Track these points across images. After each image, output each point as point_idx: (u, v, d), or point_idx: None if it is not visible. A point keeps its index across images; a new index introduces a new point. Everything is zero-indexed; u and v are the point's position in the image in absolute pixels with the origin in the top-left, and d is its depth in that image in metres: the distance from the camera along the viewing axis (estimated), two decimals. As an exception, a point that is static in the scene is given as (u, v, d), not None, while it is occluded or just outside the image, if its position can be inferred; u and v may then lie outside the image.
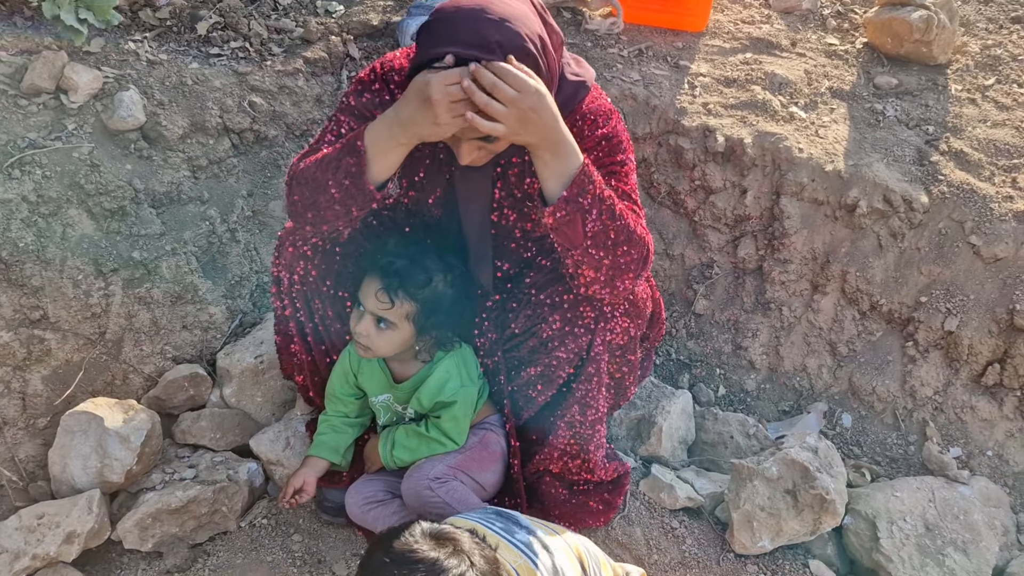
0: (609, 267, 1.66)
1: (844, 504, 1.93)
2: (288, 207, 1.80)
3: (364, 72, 1.85)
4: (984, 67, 2.79)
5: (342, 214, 1.71)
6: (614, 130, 1.76)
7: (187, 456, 2.18)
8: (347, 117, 1.80)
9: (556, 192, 1.57)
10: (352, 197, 1.66)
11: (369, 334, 1.80)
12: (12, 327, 2.15)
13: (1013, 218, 2.26)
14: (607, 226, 1.61)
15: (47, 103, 2.39)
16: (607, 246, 1.63)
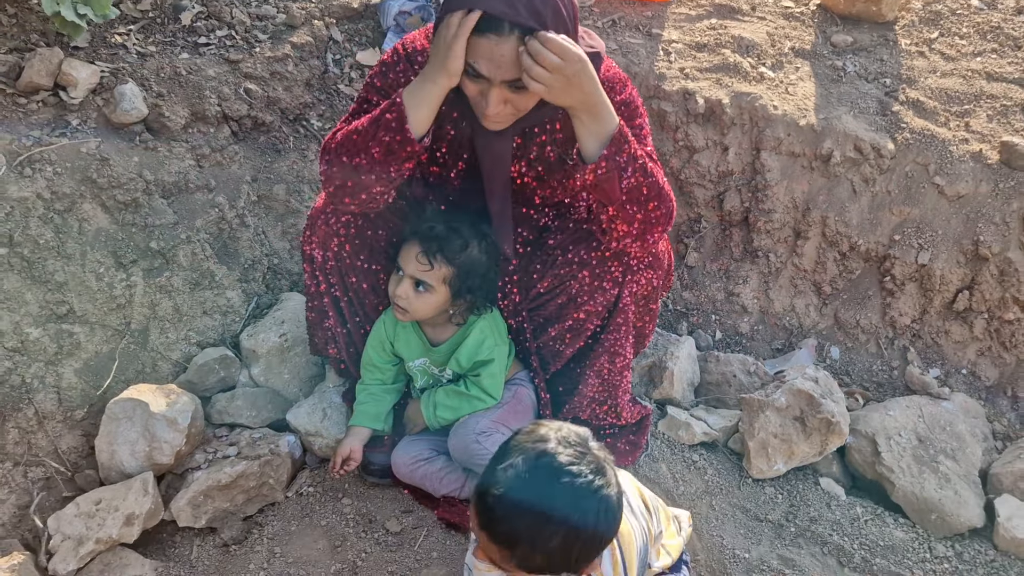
0: (641, 221, 1.81)
1: (848, 425, 2.14)
2: (325, 180, 1.88)
3: (387, 54, 1.94)
4: (928, 22, 3.01)
5: (382, 176, 1.79)
6: (630, 96, 1.89)
7: (225, 435, 2.26)
8: (375, 95, 1.89)
9: (595, 151, 1.69)
10: (393, 152, 1.75)
11: (408, 296, 1.91)
12: (40, 323, 2.19)
13: (970, 158, 2.49)
14: (640, 182, 1.75)
15: (46, 100, 2.40)
16: (640, 201, 1.77)
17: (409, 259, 1.91)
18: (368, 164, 1.77)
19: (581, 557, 1.39)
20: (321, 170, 1.88)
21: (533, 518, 1.34)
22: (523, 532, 1.35)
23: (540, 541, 1.36)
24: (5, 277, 2.15)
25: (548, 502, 1.34)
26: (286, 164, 2.66)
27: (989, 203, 2.43)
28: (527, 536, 1.35)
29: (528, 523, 1.35)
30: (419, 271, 1.90)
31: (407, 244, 1.92)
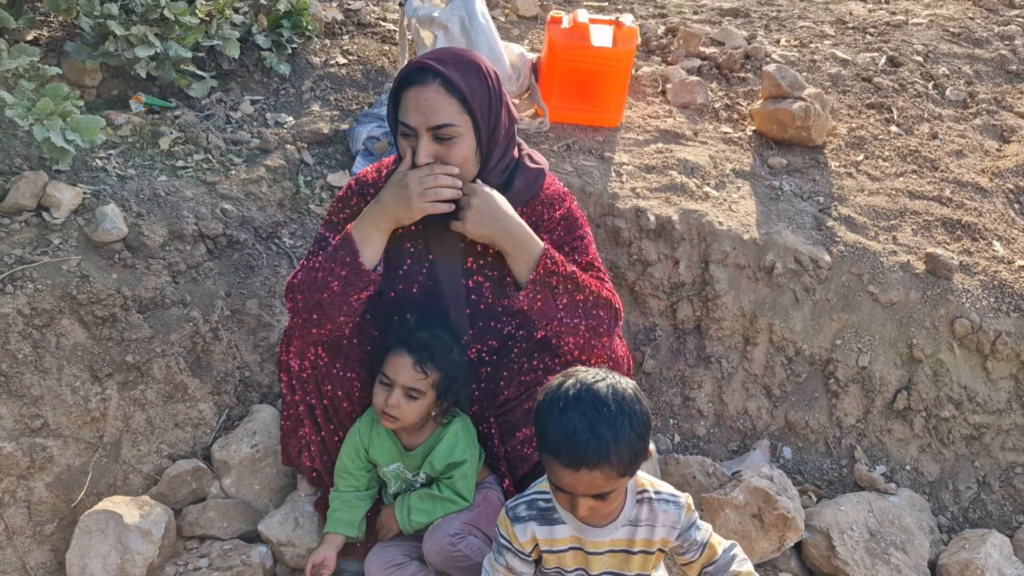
0: (585, 330, 1.95)
1: (803, 521, 2.24)
2: (292, 315, 2.01)
3: (342, 190, 2.12)
4: (853, 146, 3.30)
5: (342, 305, 1.93)
6: (569, 210, 2.07)
7: (196, 547, 2.27)
8: (331, 233, 2.05)
9: (525, 277, 1.86)
10: (350, 284, 1.90)
11: (399, 405, 2.00)
12: (14, 437, 2.21)
13: (900, 268, 2.70)
14: (574, 297, 1.91)
15: (29, 220, 2.50)
16: (579, 313, 1.92)
17: (401, 370, 2.00)
18: (329, 297, 1.91)
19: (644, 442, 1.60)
20: (288, 307, 2.01)
21: (609, 415, 1.55)
22: (608, 434, 1.53)
23: (621, 434, 1.54)
24: (-18, 391, 2.19)
25: (605, 398, 1.57)
26: (259, 280, 2.77)
27: (919, 309, 2.63)
28: (612, 436, 1.53)
29: (609, 423, 1.54)
30: (413, 380, 1.99)
31: (395, 355, 2.01)
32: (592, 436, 1.54)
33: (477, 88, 1.86)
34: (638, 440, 1.58)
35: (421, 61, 1.86)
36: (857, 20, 4.43)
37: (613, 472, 1.57)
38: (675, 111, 3.47)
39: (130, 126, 2.95)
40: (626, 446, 1.56)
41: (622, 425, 1.55)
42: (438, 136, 1.85)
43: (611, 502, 1.67)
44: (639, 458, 1.61)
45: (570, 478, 1.58)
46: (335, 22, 3.72)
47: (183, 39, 2.84)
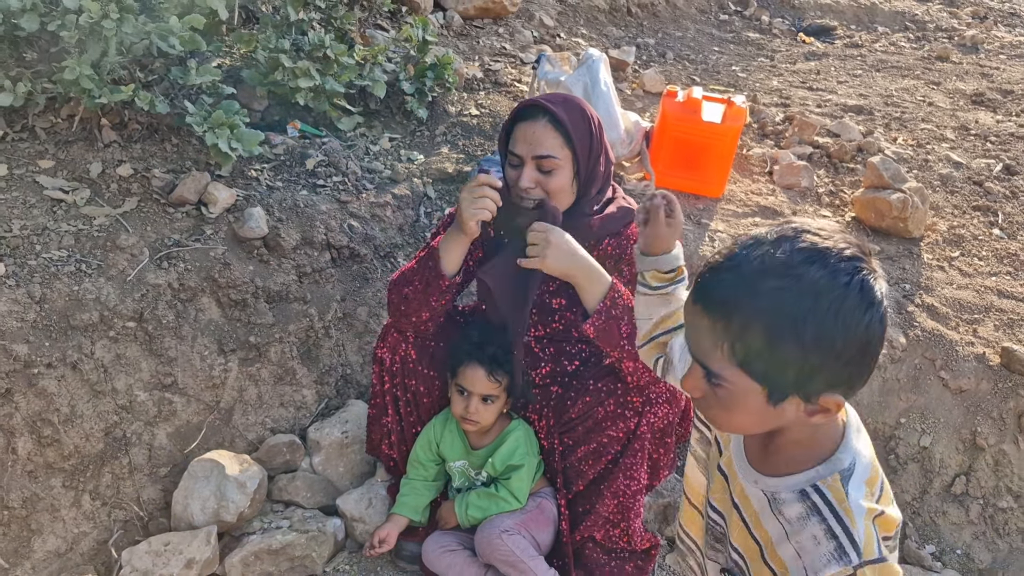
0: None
1: None
2: (388, 305, 2.31)
3: (454, 208, 2.42)
4: (950, 242, 3.38)
5: (424, 302, 2.21)
6: None
7: (281, 510, 2.56)
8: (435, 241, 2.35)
9: (593, 307, 2.09)
10: (431, 285, 2.18)
11: (479, 411, 2.26)
12: (148, 388, 2.58)
13: (974, 359, 2.76)
14: (635, 327, 2.11)
15: (189, 212, 2.92)
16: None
17: (476, 381, 2.25)
18: (412, 292, 2.20)
19: (816, 365, 1.11)
20: (387, 299, 2.31)
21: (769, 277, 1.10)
22: (749, 292, 1.11)
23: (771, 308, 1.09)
24: (129, 346, 2.57)
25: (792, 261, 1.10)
26: (371, 291, 3.09)
27: (988, 399, 2.68)
28: (750, 299, 1.10)
29: (757, 284, 1.10)
30: (488, 389, 2.25)
31: (468, 369, 2.26)
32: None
33: (580, 127, 2.14)
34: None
35: (534, 100, 2.16)
36: (982, 128, 4.49)
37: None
38: (778, 191, 3.64)
39: (284, 146, 3.37)
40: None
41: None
42: (541, 166, 2.12)
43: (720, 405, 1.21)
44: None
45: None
46: (474, 79, 4.11)
47: (339, 76, 3.26)
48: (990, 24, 6.71)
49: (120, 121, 3.10)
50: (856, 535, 1.16)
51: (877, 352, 1.15)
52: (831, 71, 5.40)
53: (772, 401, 1.16)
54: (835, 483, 1.20)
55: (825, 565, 1.16)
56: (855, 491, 1.20)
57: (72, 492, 2.41)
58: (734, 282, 1.12)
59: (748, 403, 1.17)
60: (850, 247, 1.12)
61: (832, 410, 1.16)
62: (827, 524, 1.18)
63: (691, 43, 5.69)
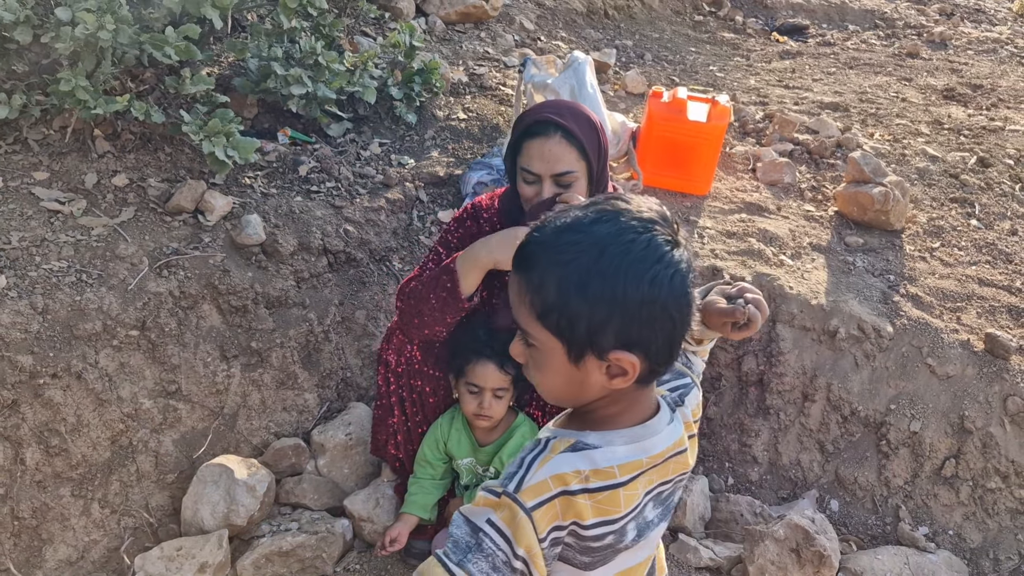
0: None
1: (838, 560, 2.39)
2: (399, 315, 2.34)
3: (459, 211, 2.45)
4: (930, 234, 3.47)
5: (440, 320, 2.24)
6: None
7: (289, 512, 2.59)
8: (444, 249, 2.38)
9: None
10: (448, 305, 2.21)
11: (492, 406, 2.30)
12: (153, 396, 2.60)
13: (959, 345, 2.85)
14: None
15: (187, 220, 2.93)
16: None
17: (489, 376, 2.29)
18: (428, 311, 2.23)
19: (617, 326, 1.15)
20: (397, 306, 2.34)
21: (570, 242, 1.16)
22: (552, 255, 1.16)
23: (572, 273, 1.14)
24: (133, 355, 2.59)
25: (593, 228, 1.16)
26: (368, 295, 3.13)
27: (974, 384, 2.77)
28: (554, 260, 1.16)
29: (561, 245, 1.16)
30: (500, 382, 2.29)
31: (479, 365, 2.29)
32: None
33: (590, 137, 2.18)
34: (575, 295, 1.15)
35: (543, 115, 2.18)
36: (954, 123, 4.60)
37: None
38: (762, 187, 3.72)
39: (276, 153, 3.40)
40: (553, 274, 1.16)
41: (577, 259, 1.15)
42: (559, 182, 2.16)
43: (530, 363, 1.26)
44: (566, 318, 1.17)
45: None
46: (460, 83, 4.16)
47: (330, 83, 3.29)
48: (957, 20, 6.87)
49: (113, 131, 3.11)
50: (528, 477, 1.20)
51: (669, 314, 1.16)
52: (806, 69, 5.51)
53: (572, 358, 1.19)
54: (562, 443, 1.24)
55: (497, 480, 1.23)
56: (569, 458, 1.22)
57: (81, 501, 2.42)
58: (538, 239, 1.19)
59: (554, 362, 1.21)
60: (650, 212, 1.18)
61: (628, 371, 1.18)
62: (523, 457, 1.23)
63: (668, 44, 5.78)
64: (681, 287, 1.16)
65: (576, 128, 2.13)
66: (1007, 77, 5.47)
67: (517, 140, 2.20)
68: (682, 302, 1.17)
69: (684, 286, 1.17)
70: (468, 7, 4.79)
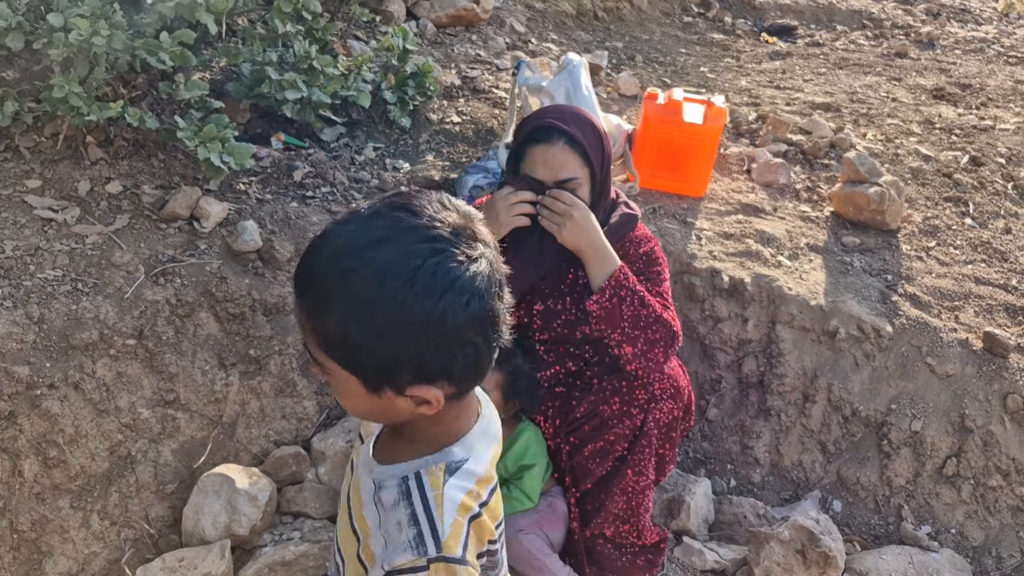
0: (643, 343, 2.21)
1: (843, 560, 2.39)
2: None
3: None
4: (926, 233, 3.49)
5: None
6: (652, 250, 2.37)
7: (290, 521, 2.56)
8: None
9: (599, 283, 2.15)
10: None
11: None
12: (151, 406, 2.57)
13: (958, 344, 2.86)
14: (638, 311, 2.17)
15: (182, 227, 2.90)
16: (640, 326, 2.18)
17: (491, 381, 2.28)
18: None
19: (405, 351, 1.04)
20: None
21: (349, 258, 1.03)
22: (326, 275, 1.04)
23: (345, 297, 1.02)
24: (130, 364, 2.56)
25: (375, 243, 1.03)
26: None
27: (974, 382, 2.78)
28: (329, 282, 1.03)
29: (339, 265, 1.03)
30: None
31: None
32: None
33: (594, 143, 2.17)
34: (354, 320, 1.04)
35: (546, 120, 2.17)
36: (945, 122, 4.63)
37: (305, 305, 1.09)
38: (758, 188, 3.72)
39: (270, 159, 3.37)
40: (339, 295, 1.04)
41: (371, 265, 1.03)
42: (563, 188, 2.16)
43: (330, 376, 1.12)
44: (348, 343, 1.05)
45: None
46: (453, 86, 4.14)
47: (325, 87, 3.27)
48: (943, 20, 6.91)
49: (106, 138, 3.08)
50: (440, 527, 1.10)
51: (469, 339, 1.05)
52: (796, 70, 5.52)
53: (369, 389, 1.08)
54: (437, 472, 1.14)
55: (401, 553, 1.08)
56: (456, 483, 1.14)
57: (80, 513, 2.39)
58: (315, 261, 1.06)
59: (351, 390, 1.10)
60: (441, 226, 1.03)
61: (432, 403, 1.09)
62: (412, 510, 1.11)
63: (658, 45, 5.78)
64: (479, 309, 1.04)
65: (580, 134, 2.12)
66: (995, 76, 5.51)
67: (520, 146, 2.19)
68: (484, 321, 1.06)
69: (483, 306, 1.04)
70: (459, 10, 4.77)
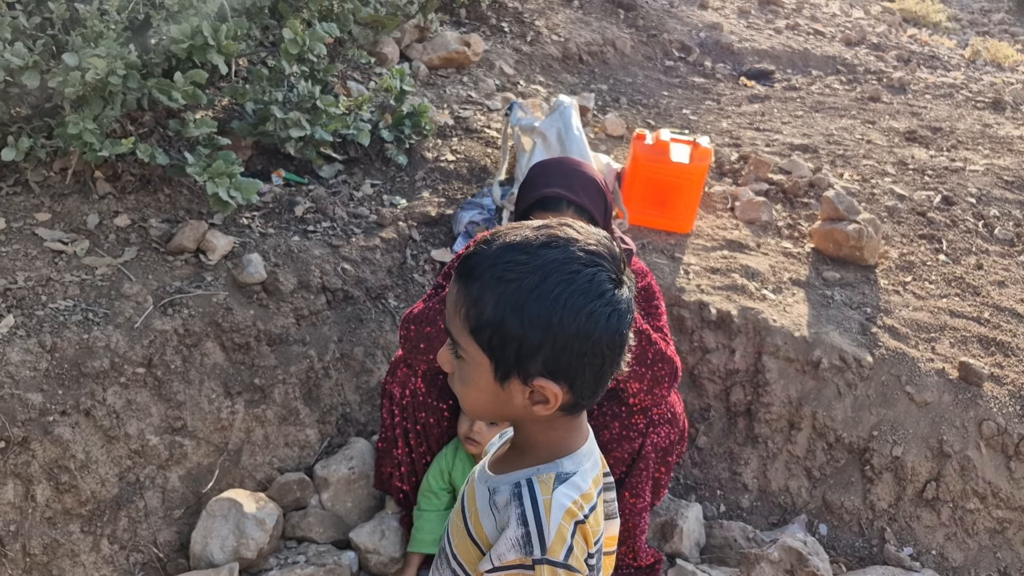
0: (649, 379, 2.31)
1: (831, 581, 2.49)
2: (403, 343, 2.42)
3: (462, 249, 2.55)
4: (902, 268, 3.64)
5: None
6: (649, 284, 2.47)
7: (295, 546, 2.62)
8: (446, 282, 2.48)
9: None
10: None
11: (481, 431, 2.37)
12: (159, 432, 2.64)
13: (935, 374, 3.00)
14: (645, 349, 2.27)
15: (188, 259, 2.99)
16: (646, 363, 2.28)
17: None
18: (436, 332, 2.32)
19: (556, 354, 1.16)
20: (400, 335, 2.42)
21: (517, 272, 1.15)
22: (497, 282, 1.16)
23: (514, 308, 1.14)
24: (139, 392, 2.63)
25: (539, 259, 1.15)
26: (366, 331, 3.20)
27: (951, 410, 2.91)
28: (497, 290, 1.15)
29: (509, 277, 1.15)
30: None
31: None
32: (490, 262, 1.20)
33: (598, 205, 2.29)
34: (516, 323, 1.15)
35: (553, 190, 2.26)
36: (918, 163, 4.82)
37: (466, 314, 1.19)
38: (741, 225, 3.87)
39: (271, 194, 3.48)
40: (501, 307, 1.16)
41: (521, 279, 1.16)
42: None
43: (462, 381, 1.25)
44: (510, 347, 1.17)
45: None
46: (447, 126, 4.28)
47: (327, 126, 3.39)
48: (914, 66, 7.18)
49: (114, 173, 3.17)
50: (546, 530, 1.19)
51: (601, 351, 1.17)
52: (774, 112, 5.73)
53: (498, 377, 1.19)
54: (548, 479, 1.24)
55: (508, 550, 1.19)
56: (565, 491, 1.23)
57: (91, 537, 2.44)
58: (484, 252, 1.19)
59: (479, 378, 1.20)
60: (599, 246, 1.17)
61: (550, 400, 1.19)
62: (523, 511, 1.21)
63: (641, 88, 5.97)
64: (616, 326, 1.17)
65: (587, 201, 2.23)
66: (964, 120, 5.74)
67: (527, 210, 2.29)
68: (616, 341, 1.18)
69: (620, 326, 1.17)
70: (450, 53, 4.93)
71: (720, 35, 6.92)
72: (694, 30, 6.93)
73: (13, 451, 2.37)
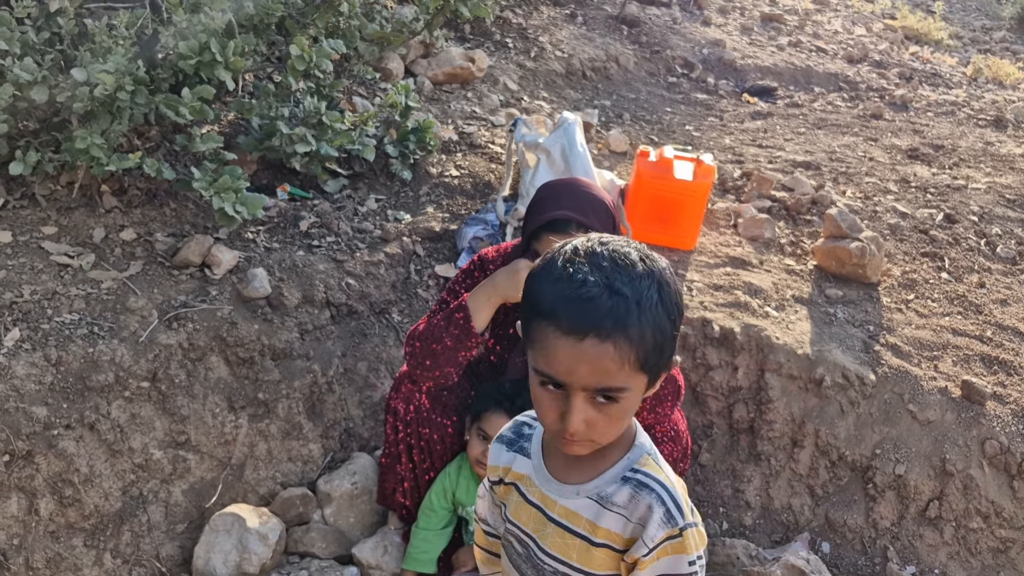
0: (653, 398, 2.31)
1: (834, 600, 2.48)
2: (409, 359, 2.43)
3: (467, 264, 2.57)
4: (905, 287, 3.65)
5: (452, 359, 2.34)
6: None
7: (297, 561, 2.62)
8: (452, 298, 2.49)
9: None
10: (461, 341, 2.32)
11: None
12: (163, 447, 2.64)
13: (938, 392, 3.00)
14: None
15: (193, 274, 3.00)
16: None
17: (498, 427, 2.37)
18: (442, 349, 2.33)
19: (674, 327, 1.26)
20: (406, 351, 2.43)
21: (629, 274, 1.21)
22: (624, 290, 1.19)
23: (647, 300, 1.19)
24: (143, 406, 2.64)
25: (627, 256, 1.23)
26: (370, 346, 3.20)
27: (953, 429, 2.91)
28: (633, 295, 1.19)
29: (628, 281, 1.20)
30: None
31: (494, 415, 2.36)
32: (608, 291, 1.18)
33: (607, 226, 2.31)
34: (667, 321, 1.21)
35: (563, 212, 2.28)
36: (920, 181, 4.83)
37: (631, 353, 1.18)
38: (744, 242, 3.88)
39: (276, 209, 3.49)
40: (651, 321, 1.19)
41: (649, 289, 1.20)
42: None
43: (615, 419, 1.26)
44: (666, 351, 1.24)
45: (569, 352, 1.18)
46: (451, 141, 4.30)
47: (332, 141, 3.41)
48: (916, 84, 7.21)
49: (120, 187, 3.19)
50: (679, 499, 1.34)
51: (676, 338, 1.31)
52: (777, 129, 5.75)
53: (650, 385, 1.28)
54: (648, 461, 1.37)
55: (658, 529, 1.31)
56: (663, 463, 1.40)
57: (94, 551, 2.44)
58: (606, 302, 1.17)
59: (632, 403, 1.27)
60: (627, 244, 1.27)
61: (671, 373, 1.36)
62: (656, 493, 1.32)
63: (645, 104, 6.00)
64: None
65: (596, 223, 2.25)
66: (966, 138, 5.75)
67: (537, 230, 2.30)
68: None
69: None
70: (455, 68, 4.96)
71: (723, 52, 6.95)
72: (697, 47, 6.96)
73: (17, 464, 2.37)
